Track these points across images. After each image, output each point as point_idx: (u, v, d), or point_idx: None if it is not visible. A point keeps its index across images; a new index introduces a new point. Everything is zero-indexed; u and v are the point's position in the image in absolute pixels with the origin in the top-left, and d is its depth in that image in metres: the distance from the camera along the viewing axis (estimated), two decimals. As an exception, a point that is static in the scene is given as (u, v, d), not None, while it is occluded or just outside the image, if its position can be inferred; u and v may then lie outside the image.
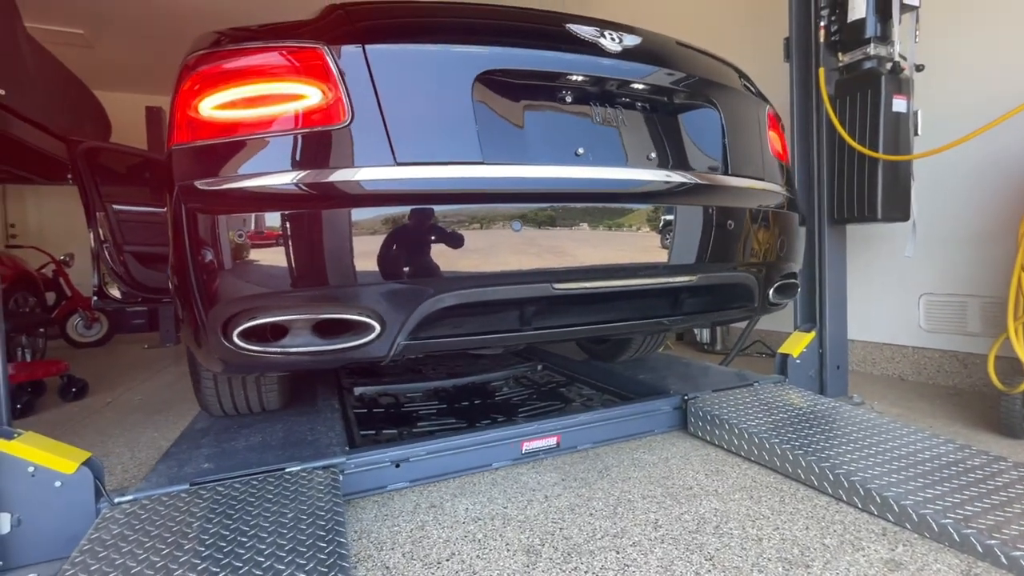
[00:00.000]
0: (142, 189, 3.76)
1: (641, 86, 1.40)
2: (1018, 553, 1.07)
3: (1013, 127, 2.05)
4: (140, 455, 1.98)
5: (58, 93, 4.23)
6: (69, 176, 5.18)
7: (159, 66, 6.32)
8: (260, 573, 1.01)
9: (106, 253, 3.31)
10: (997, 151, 2.30)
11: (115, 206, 3.41)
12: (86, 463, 1.25)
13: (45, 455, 1.22)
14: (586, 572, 1.13)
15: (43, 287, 4.57)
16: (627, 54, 1.37)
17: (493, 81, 1.24)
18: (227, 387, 1.76)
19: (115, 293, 3.33)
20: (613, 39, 1.35)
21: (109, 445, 2.11)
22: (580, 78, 1.32)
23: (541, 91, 1.31)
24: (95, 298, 3.35)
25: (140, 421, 2.45)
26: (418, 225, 1.12)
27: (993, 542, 1.11)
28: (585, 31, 1.33)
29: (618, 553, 1.20)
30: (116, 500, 1.26)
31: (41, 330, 3.92)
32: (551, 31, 1.33)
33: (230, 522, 1.18)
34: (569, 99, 1.32)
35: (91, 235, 3.33)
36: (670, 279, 1.37)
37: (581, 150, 1.30)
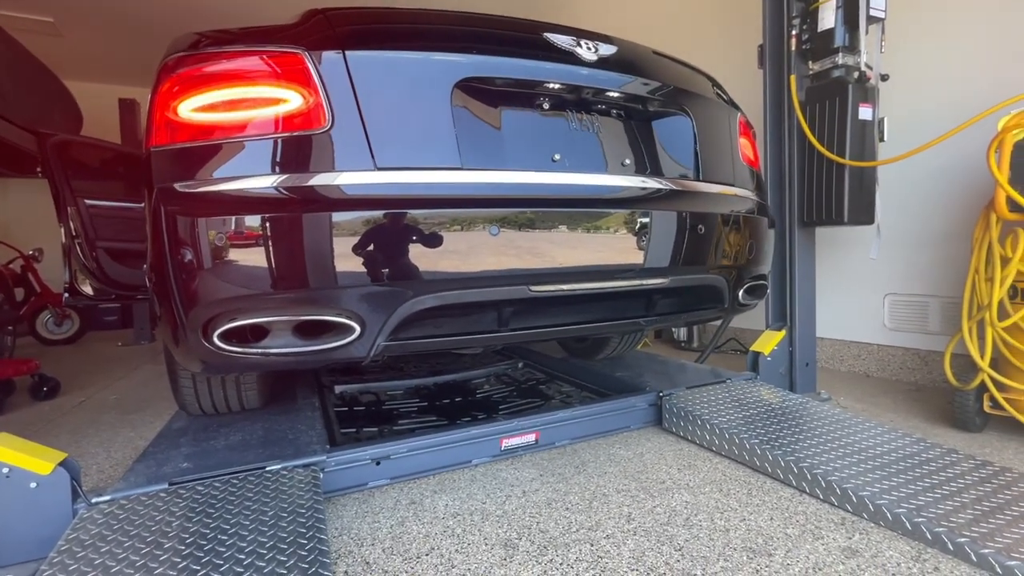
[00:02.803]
0: (115, 184, 3.69)
1: (616, 94, 1.44)
2: (963, 540, 1.15)
3: (969, 135, 2.15)
4: (116, 455, 1.96)
5: (25, 83, 4.10)
6: (39, 169, 5.04)
7: (133, 56, 6.17)
8: (241, 571, 1.03)
9: (78, 249, 3.24)
10: (956, 157, 2.41)
11: (87, 201, 3.35)
12: (62, 463, 1.24)
13: (20, 456, 1.21)
14: (561, 564, 1.17)
15: (11, 283, 4.45)
16: (602, 63, 1.40)
17: (472, 88, 1.26)
18: (206, 386, 1.76)
19: (87, 290, 3.27)
20: (589, 48, 1.38)
21: (84, 445, 2.08)
22: (557, 86, 1.35)
23: (519, 98, 1.34)
24: (66, 295, 3.29)
25: (115, 420, 2.42)
26: (397, 229, 1.14)
27: (941, 529, 1.19)
28: (562, 40, 1.37)
29: (592, 545, 1.24)
30: (93, 500, 1.26)
31: (9, 328, 3.82)
32: (529, 39, 1.36)
33: (210, 520, 1.19)
34: (546, 106, 1.36)
35: (62, 230, 3.26)
36: (642, 282, 1.42)
37: (557, 156, 1.33)
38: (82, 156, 3.55)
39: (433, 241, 1.17)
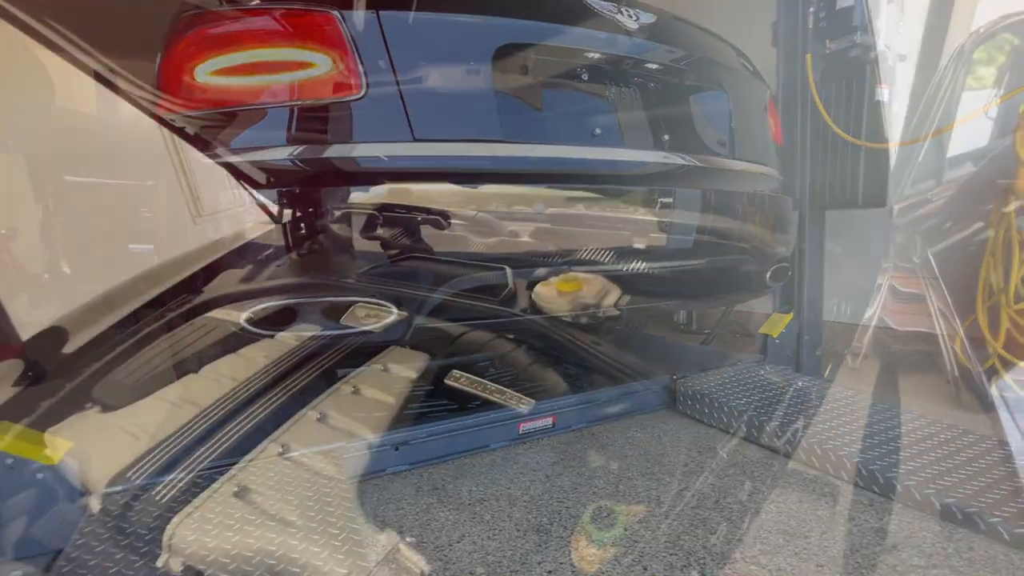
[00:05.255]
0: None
1: (655, 66, 1.38)
2: (995, 520, 1.16)
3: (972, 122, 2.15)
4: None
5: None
6: None
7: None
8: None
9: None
10: (960, 144, 2.41)
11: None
12: (70, 452, 1.17)
13: (23, 445, 1.15)
14: (598, 549, 1.15)
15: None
16: (643, 32, 1.34)
17: (512, 56, 1.19)
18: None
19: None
20: (630, 16, 1.32)
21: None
22: (598, 55, 1.29)
23: (559, 68, 1.27)
24: None
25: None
26: (436, 205, 1.07)
27: (972, 510, 1.20)
28: (603, 6, 1.30)
29: (626, 530, 1.23)
30: (106, 491, 1.20)
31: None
32: (570, 5, 1.29)
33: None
34: (586, 77, 1.29)
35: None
36: (683, 262, 1.39)
37: (598, 130, 1.28)
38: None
39: (470, 218, 1.11)
